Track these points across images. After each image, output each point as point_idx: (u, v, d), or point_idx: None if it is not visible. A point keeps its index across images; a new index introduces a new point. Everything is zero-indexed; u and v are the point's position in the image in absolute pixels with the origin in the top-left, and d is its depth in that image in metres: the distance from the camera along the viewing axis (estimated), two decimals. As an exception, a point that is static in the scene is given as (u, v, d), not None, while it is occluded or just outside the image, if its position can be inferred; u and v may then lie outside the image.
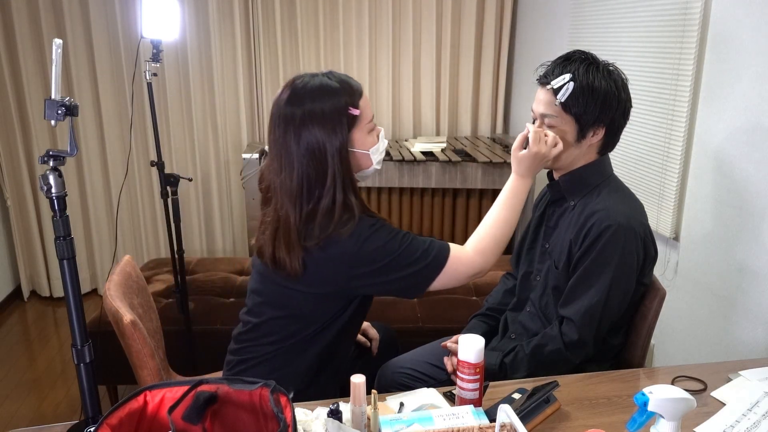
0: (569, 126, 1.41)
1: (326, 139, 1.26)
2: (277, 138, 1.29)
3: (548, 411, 1.21)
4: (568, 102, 1.38)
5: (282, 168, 1.29)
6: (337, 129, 1.26)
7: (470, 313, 1.80)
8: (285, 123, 1.27)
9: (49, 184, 1.17)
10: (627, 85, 1.43)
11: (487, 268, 1.41)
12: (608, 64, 1.42)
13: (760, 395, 1.27)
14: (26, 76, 3.23)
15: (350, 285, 1.32)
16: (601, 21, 2.56)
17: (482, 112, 3.80)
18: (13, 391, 2.62)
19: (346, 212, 1.28)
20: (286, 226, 1.29)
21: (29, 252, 3.51)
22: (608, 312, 1.40)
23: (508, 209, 1.42)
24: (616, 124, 1.42)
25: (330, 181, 1.27)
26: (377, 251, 1.28)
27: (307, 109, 1.26)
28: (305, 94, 1.27)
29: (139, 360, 1.43)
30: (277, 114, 1.29)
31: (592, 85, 1.37)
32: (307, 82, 1.29)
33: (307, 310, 1.36)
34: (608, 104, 1.38)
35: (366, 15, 3.53)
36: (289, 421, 0.91)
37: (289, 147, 1.27)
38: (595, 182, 1.46)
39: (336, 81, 1.29)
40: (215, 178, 3.66)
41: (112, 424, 0.92)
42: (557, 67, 1.41)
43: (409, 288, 1.35)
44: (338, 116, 1.26)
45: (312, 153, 1.26)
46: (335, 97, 1.27)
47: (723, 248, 1.91)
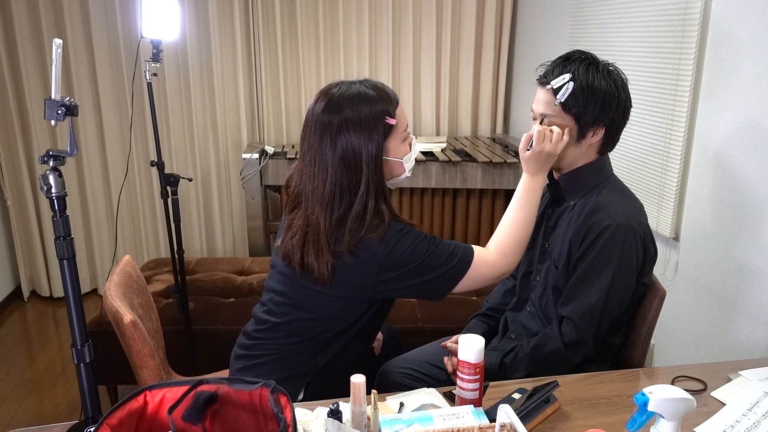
0: (569, 126, 1.41)
1: (362, 146, 1.27)
2: (312, 144, 1.30)
3: (548, 411, 1.21)
4: (567, 102, 1.38)
5: (315, 174, 1.30)
6: (374, 136, 1.28)
7: (470, 313, 1.80)
8: (321, 130, 1.28)
9: (49, 184, 1.17)
10: (627, 85, 1.43)
11: (511, 269, 1.42)
12: (608, 64, 1.42)
13: (760, 395, 1.27)
14: (26, 76, 3.23)
15: (377, 289, 1.32)
16: (601, 21, 2.56)
17: (482, 112, 3.80)
18: (13, 391, 2.62)
19: (377, 218, 1.29)
20: (315, 232, 1.29)
21: (29, 252, 3.51)
22: (608, 311, 1.40)
23: (525, 208, 1.43)
24: (616, 124, 1.42)
25: (363, 188, 1.28)
26: (405, 255, 1.29)
27: (345, 117, 1.27)
28: (342, 102, 1.28)
29: (140, 360, 1.44)
30: (313, 121, 1.30)
31: (592, 85, 1.37)
32: (344, 91, 1.30)
33: (332, 312, 1.36)
34: (608, 104, 1.38)
35: (366, 15, 3.53)
36: (289, 421, 0.91)
37: (324, 153, 1.28)
38: (594, 182, 1.46)
39: (372, 89, 1.31)
40: (215, 178, 3.66)
41: (112, 424, 0.92)
42: (557, 67, 1.41)
43: (434, 290, 1.35)
44: (375, 124, 1.28)
45: (347, 160, 1.27)
46: (372, 105, 1.29)
47: (723, 248, 1.91)
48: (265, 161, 3.19)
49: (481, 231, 3.34)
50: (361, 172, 1.28)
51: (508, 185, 3.20)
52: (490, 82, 3.74)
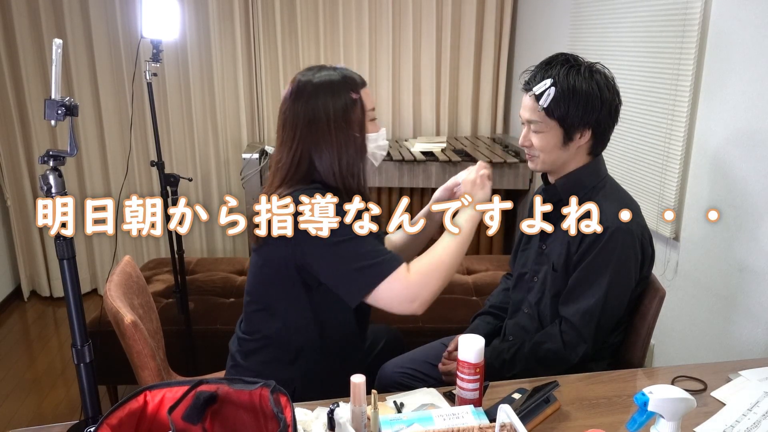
0: (554, 130, 1.41)
1: (329, 107, 1.32)
2: (286, 119, 1.35)
3: (548, 411, 1.21)
4: (550, 107, 1.38)
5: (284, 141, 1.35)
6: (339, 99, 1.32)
7: (470, 313, 1.80)
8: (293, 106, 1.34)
9: (49, 184, 1.17)
10: (613, 84, 1.42)
11: (419, 306, 1.27)
12: (592, 65, 1.41)
13: (760, 395, 1.27)
14: (26, 76, 3.23)
15: (298, 248, 1.29)
16: (601, 21, 2.56)
17: (482, 112, 3.80)
18: (13, 391, 2.62)
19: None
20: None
21: (29, 252, 3.51)
22: (607, 312, 1.41)
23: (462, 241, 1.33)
24: (603, 125, 1.41)
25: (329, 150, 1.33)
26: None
27: (313, 94, 1.32)
28: (310, 88, 1.33)
29: (140, 360, 1.44)
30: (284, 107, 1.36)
31: (573, 88, 1.36)
32: (310, 78, 1.34)
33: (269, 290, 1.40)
34: (591, 106, 1.37)
35: (366, 15, 3.53)
36: (289, 421, 0.91)
37: (295, 118, 1.33)
38: (591, 184, 1.46)
39: (336, 73, 1.35)
40: (215, 178, 3.66)
41: (112, 424, 0.92)
42: (539, 72, 1.41)
43: (349, 283, 1.28)
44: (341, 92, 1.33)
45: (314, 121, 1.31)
46: (337, 84, 1.33)
47: (723, 248, 1.91)
48: (265, 161, 3.19)
49: (481, 231, 3.34)
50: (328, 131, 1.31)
51: (508, 185, 3.20)
52: (490, 82, 3.74)
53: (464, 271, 2.79)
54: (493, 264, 2.85)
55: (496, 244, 3.40)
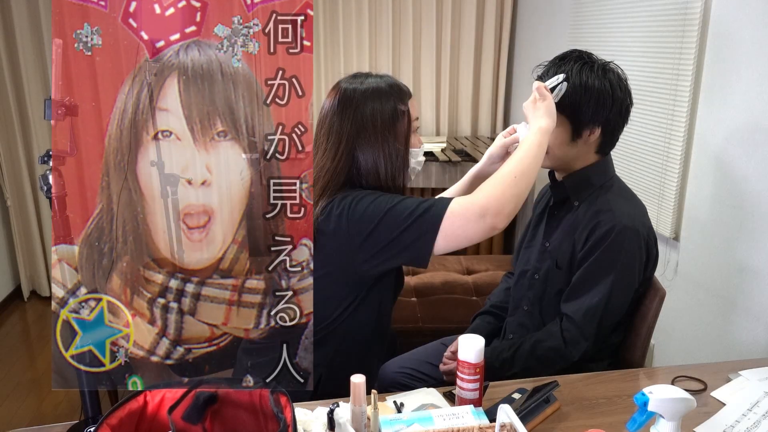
0: (563, 125, 1.40)
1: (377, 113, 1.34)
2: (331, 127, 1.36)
3: (548, 411, 1.21)
4: (561, 102, 1.38)
5: (327, 149, 1.36)
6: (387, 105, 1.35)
7: (470, 313, 1.80)
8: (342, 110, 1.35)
9: (49, 184, 1.17)
10: (625, 84, 1.42)
11: (500, 225, 1.22)
12: (606, 63, 1.41)
13: (760, 395, 1.27)
14: (26, 76, 3.23)
15: (358, 257, 1.28)
16: (601, 21, 2.55)
17: (482, 112, 3.80)
18: (13, 391, 2.62)
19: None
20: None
21: (29, 252, 3.51)
22: (610, 312, 1.40)
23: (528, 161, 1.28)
24: (612, 123, 1.41)
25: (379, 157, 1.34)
26: (369, 210, 1.25)
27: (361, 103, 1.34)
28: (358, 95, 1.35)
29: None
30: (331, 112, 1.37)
31: (585, 85, 1.37)
32: (357, 86, 1.35)
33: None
34: (602, 103, 1.37)
35: (366, 15, 3.53)
36: (289, 421, 0.91)
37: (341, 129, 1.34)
38: (599, 183, 1.46)
39: (384, 83, 1.36)
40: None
41: (112, 424, 0.92)
42: (552, 67, 1.42)
43: (411, 248, 1.24)
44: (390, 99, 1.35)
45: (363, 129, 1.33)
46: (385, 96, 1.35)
47: (723, 248, 1.91)
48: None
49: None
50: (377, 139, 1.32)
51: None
52: (490, 82, 3.74)
53: (464, 271, 2.79)
54: (493, 264, 2.85)
55: (496, 244, 3.40)
